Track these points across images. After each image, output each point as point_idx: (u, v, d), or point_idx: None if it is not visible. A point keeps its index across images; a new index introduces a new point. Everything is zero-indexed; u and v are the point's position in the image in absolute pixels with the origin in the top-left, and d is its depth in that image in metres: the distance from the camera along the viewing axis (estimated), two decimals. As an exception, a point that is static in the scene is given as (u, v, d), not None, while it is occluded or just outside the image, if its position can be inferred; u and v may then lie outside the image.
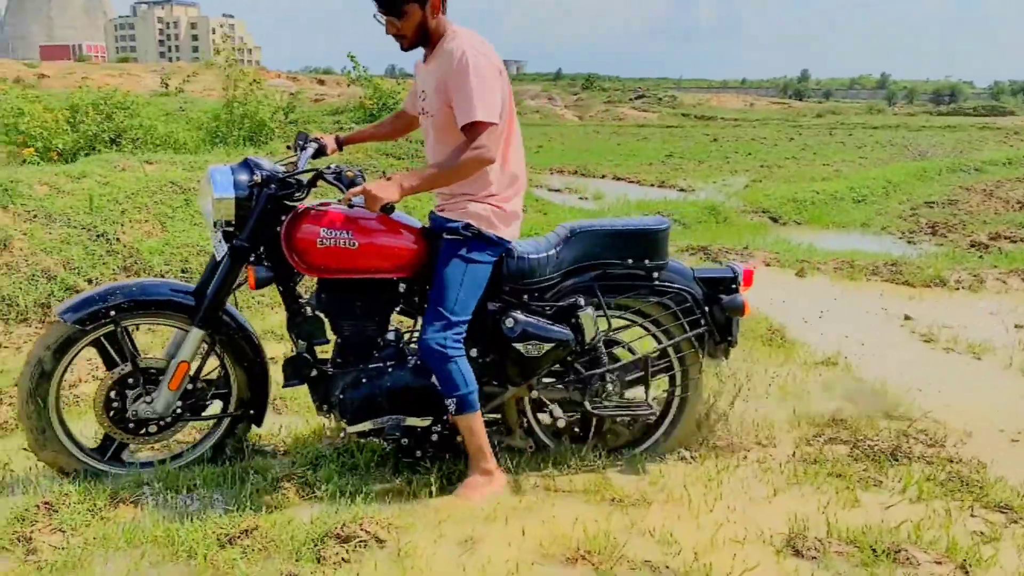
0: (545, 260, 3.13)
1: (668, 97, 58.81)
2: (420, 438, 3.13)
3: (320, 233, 2.87)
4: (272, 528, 2.71)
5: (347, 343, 3.08)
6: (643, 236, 3.23)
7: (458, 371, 2.93)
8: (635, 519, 2.89)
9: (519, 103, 40.73)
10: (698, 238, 8.27)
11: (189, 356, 3.03)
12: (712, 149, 20.92)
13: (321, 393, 3.09)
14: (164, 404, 3.05)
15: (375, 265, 2.97)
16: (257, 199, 2.89)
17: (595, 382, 3.23)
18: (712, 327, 3.29)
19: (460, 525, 2.83)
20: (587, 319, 3.12)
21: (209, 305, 3.00)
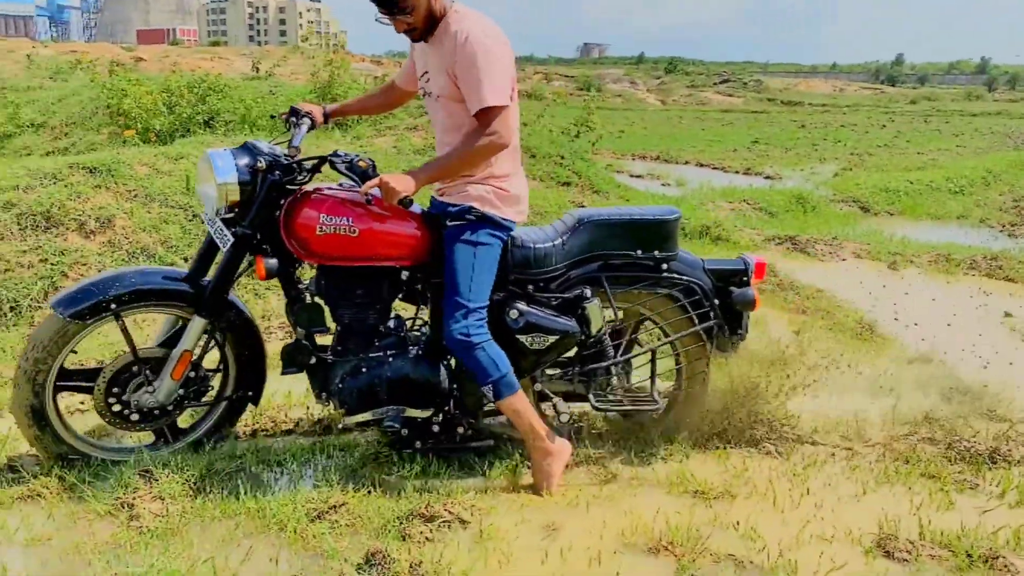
0: (551, 250, 3.04)
1: (754, 82, 57.39)
2: (420, 429, 3.07)
3: (320, 219, 2.78)
4: (359, 505, 2.78)
5: (347, 331, 3.01)
6: (653, 226, 3.13)
7: (487, 357, 2.85)
8: (719, 512, 2.86)
9: (601, 87, 40.52)
10: (785, 228, 8.07)
11: (192, 345, 2.97)
12: (800, 136, 20.34)
13: (320, 381, 3.01)
14: (166, 393, 2.98)
15: (376, 252, 2.87)
16: (261, 185, 2.81)
17: (600, 375, 3.18)
18: (721, 320, 3.21)
19: (542, 511, 2.85)
20: (594, 311, 3.04)
21: (212, 294, 2.93)
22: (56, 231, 5.02)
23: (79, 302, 2.81)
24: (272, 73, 16.40)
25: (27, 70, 19.28)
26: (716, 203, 9.03)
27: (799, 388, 3.53)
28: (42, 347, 2.82)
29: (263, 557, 2.53)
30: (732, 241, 7.29)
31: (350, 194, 2.84)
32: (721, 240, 7.32)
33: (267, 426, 3.50)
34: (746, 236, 7.52)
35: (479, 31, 2.68)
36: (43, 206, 5.08)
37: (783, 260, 6.75)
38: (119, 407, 2.97)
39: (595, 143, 10.86)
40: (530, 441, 2.96)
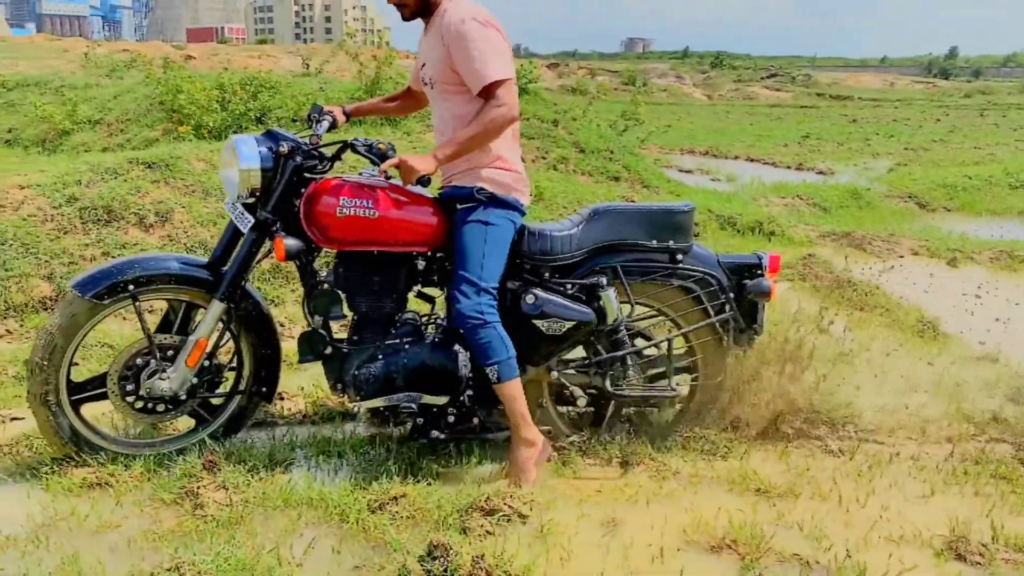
0: (567, 238, 3.06)
1: (802, 76, 56.47)
2: (436, 418, 3.07)
3: (340, 203, 2.80)
4: (419, 497, 2.78)
5: (364, 320, 3.02)
6: (667, 217, 3.14)
7: (497, 336, 2.86)
8: (782, 511, 2.81)
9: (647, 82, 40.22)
10: (840, 223, 7.93)
11: (208, 332, 2.95)
12: (851, 130, 19.96)
13: (335, 371, 3.01)
14: (180, 381, 2.95)
15: (394, 237, 2.89)
16: (283, 170, 2.83)
17: (616, 365, 3.16)
18: (736, 313, 3.19)
19: (601, 507, 2.83)
20: (609, 300, 3.04)
21: (232, 279, 2.92)
22: (117, 225, 5.12)
23: (98, 283, 2.80)
24: (321, 70, 16.56)
25: (84, 68, 19.78)
26: (768, 199, 8.90)
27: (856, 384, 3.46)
28: (58, 328, 2.79)
29: (326, 548, 2.54)
30: (787, 237, 7.18)
31: (370, 179, 2.86)
32: (775, 236, 7.21)
33: (326, 415, 3.52)
34: (800, 232, 7.40)
35: (472, 14, 2.75)
36: (104, 200, 5.18)
37: (839, 257, 6.61)
38: (133, 398, 2.94)
39: (644, 139, 10.77)
40: (517, 430, 2.94)
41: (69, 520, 2.63)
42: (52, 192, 5.17)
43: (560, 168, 8.03)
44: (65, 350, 2.83)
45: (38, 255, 4.66)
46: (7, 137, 12.42)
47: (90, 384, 2.98)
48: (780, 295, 5.39)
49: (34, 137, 11.98)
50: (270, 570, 2.37)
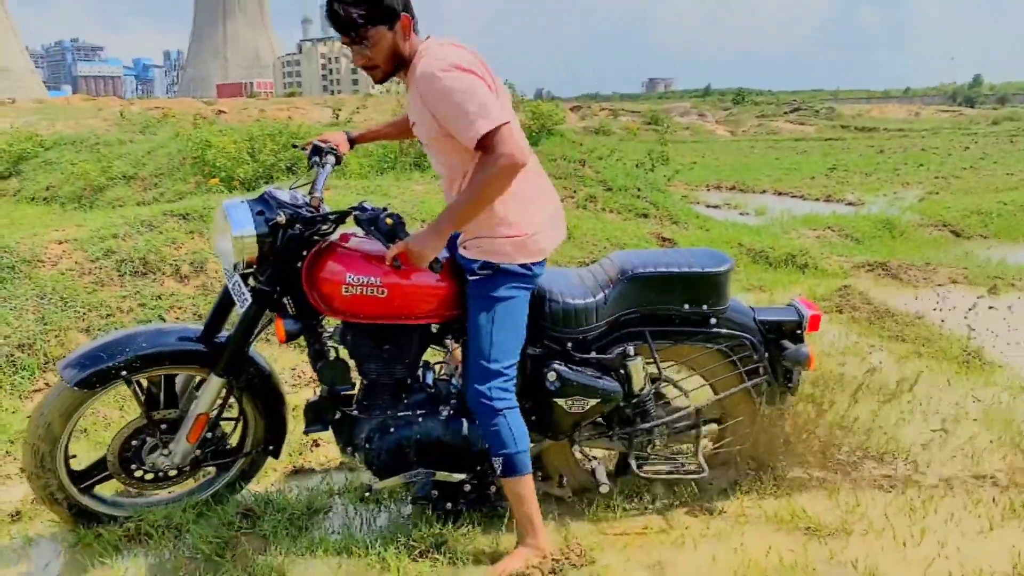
0: (592, 306, 2.80)
1: (825, 109, 56.38)
2: (453, 490, 2.87)
3: (346, 279, 2.57)
4: (460, 544, 2.74)
5: (374, 386, 2.81)
6: (704, 280, 2.87)
7: (506, 426, 2.60)
8: (834, 550, 2.73)
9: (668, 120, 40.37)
10: (873, 253, 7.83)
11: (208, 407, 2.81)
12: (879, 161, 19.82)
13: (345, 436, 2.83)
14: (181, 456, 2.84)
15: (406, 312, 2.66)
16: (281, 240, 2.59)
17: (641, 436, 2.97)
18: (771, 376, 3.00)
19: (646, 550, 2.77)
20: (636, 369, 2.83)
21: (231, 353, 2.75)
22: (153, 276, 5.17)
23: (86, 368, 2.65)
24: (351, 119, 16.82)
25: (119, 126, 20.28)
26: (799, 231, 8.82)
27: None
28: (47, 420, 2.68)
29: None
30: (820, 268, 7.09)
31: (377, 248, 2.62)
32: (808, 268, 7.12)
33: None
34: (834, 263, 7.31)
35: (442, 64, 2.38)
36: (140, 253, 5.25)
37: (875, 287, 6.51)
38: (140, 473, 2.85)
39: (671, 177, 10.78)
40: (524, 532, 2.68)
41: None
42: (89, 246, 5.25)
43: (589, 207, 8.03)
44: (57, 442, 2.71)
45: (76, 308, 4.71)
46: (45, 195, 12.69)
47: (95, 470, 2.89)
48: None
49: (70, 194, 12.23)
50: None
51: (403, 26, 2.44)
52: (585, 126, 33.65)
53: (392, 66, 2.50)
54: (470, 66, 2.40)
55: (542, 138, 9.24)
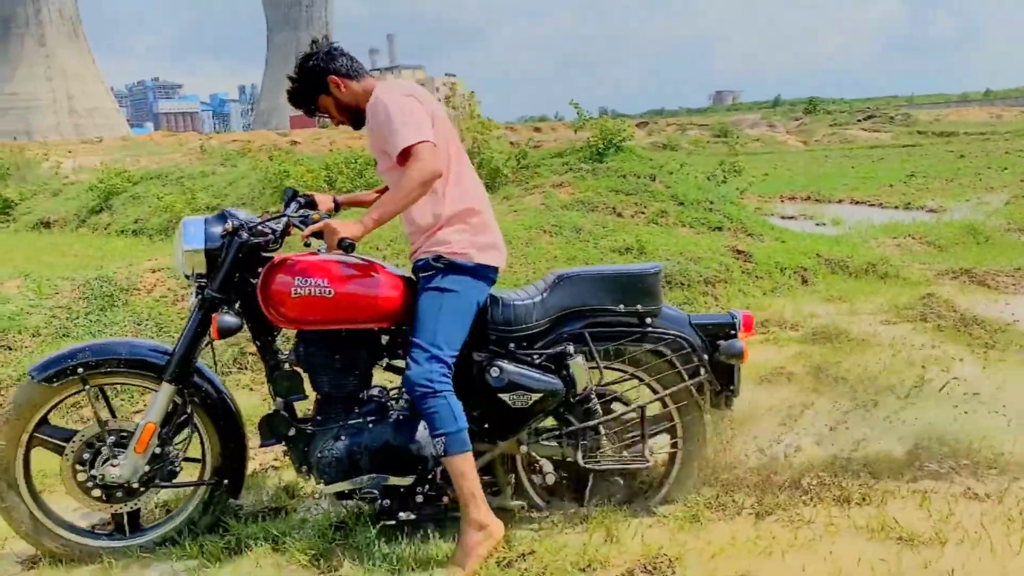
0: (531, 306, 2.97)
1: (900, 115, 54.89)
2: (403, 499, 2.94)
3: (295, 282, 2.74)
4: (546, 553, 2.78)
5: (327, 399, 2.93)
6: (633, 280, 3.04)
7: (446, 406, 2.75)
8: (928, 559, 2.67)
9: (738, 132, 39.87)
10: (957, 260, 7.60)
11: (157, 417, 2.84)
12: (959, 166, 19.20)
13: (300, 453, 2.92)
14: (131, 468, 2.85)
15: (353, 315, 2.81)
16: (228, 248, 2.78)
17: (588, 436, 3.03)
18: (711, 375, 3.07)
19: (733, 560, 2.76)
20: (578, 368, 2.94)
21: (179, 359, 2.83)
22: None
23: (49, 367, 2.82)
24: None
25: (200, 159, 21.13)
26: (879, 240, 8.63)
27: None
28: (13, 410, 2.83)
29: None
30: (902, 277, 6.93)
31: (326, 257, 2.80)
32: (889, 277, 6.97)
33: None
34: (916, 271, 7.13)
35: (384, 93, 2.78)
36: (228, 278, 5.48)
37: (961, 295, 6.33)
38: (84, 478, 2.87)
39: (744, 190, 10.68)
40: (467, 510, 2.77)
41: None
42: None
43: (660, 221, 8.02)
44: (19, 437, 2.83)
45: (170, 333, 4.93)
46: (133, 227, 13.30)
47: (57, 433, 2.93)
48: (902, 337, 5.21)
49: (157, 225, 12.78)
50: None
51: (335, 85, 2.86)
52: (652, 142, 33.48)
53: (348, 115, 2.92)
54: (410, 93, 2.80)
55: (608, 154, 9.25)
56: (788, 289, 6.87)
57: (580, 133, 11.32)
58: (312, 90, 2.89)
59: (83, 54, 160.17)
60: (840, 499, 3.11)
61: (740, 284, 6.86)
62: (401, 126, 2.67)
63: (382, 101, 2.74)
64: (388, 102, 2.73)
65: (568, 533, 2.96)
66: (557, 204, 8.00)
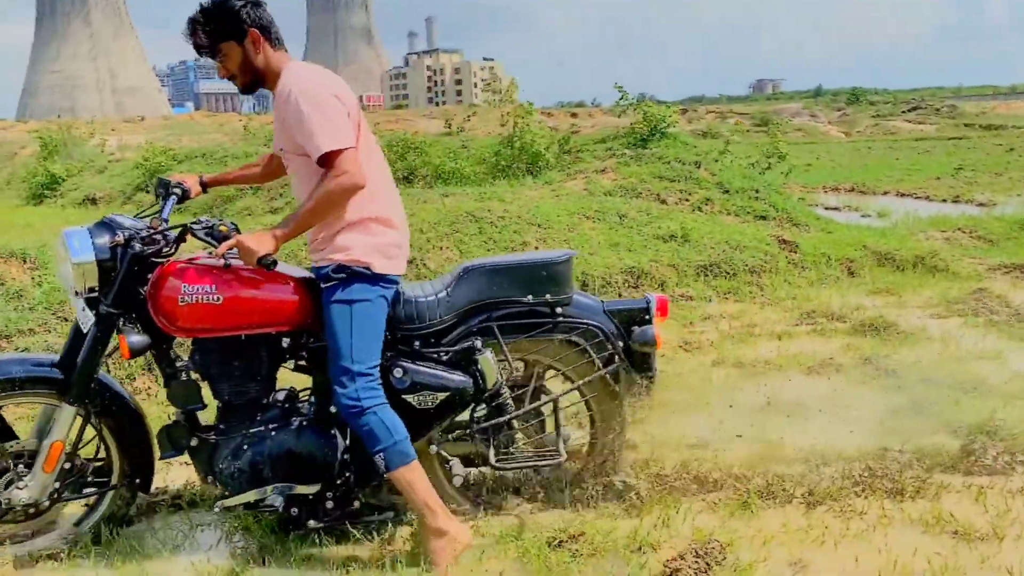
0: (435, 302, 2.88)
1: (947, 107, 53.81)
2: (312, 506, 2.85)
3: (181, 289, 2.61)
4: (597, 535, 2.79)
5: (229, 407, 2.83)
6: (541, 269, 2.96)
7: (379, 422, 2.66)
8: (985, 555, 2.64)
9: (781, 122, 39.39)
10: (1009, 255, 7.45)
11: (62, 435, 2.76)
12: (1009, 160, 18.76)
13: (204, 463, 2.82)
14: (39, 488, 2.76)
15: (245, 321, 2.70)
16: (121, 260, 2.65)
17: (501, 432, 2.97)
18: (626, 363, 3.02)
19: (785, 547, 2.76)
20: (486, 363, 2.86)
21: (79, 379, 2.74)
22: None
23: None
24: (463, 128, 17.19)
25: (244, 140, 21.34)
26: (927, 233, 8.48)
27: None
28: None
29: (514, 581, 2.59)
30: (951, 271, 6.81)
31: (216, 261, 2.66)
32: (939, 270, 6.85)
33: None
34: (967, 266, 7.01)
35: (304, 84, 2.60)
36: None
37: (1014, 290, 6.21)
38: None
39: (788, 173, 10.56)
40: (424, 519, 2.71)
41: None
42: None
43: (704, 209, 7.96)
44: None
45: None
46: (178, 205, 13.46)
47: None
48: (953, 332, 5.14)
49: (200, 205, 12.92)
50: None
51: (252, 40, 2.65)
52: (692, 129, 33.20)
53: (249, 77, 2.70)
54: (329, 87, 2.62)
55: (652, 141, 9.19)
56: (834, 280, 6.79)
57: (623, 118, 11.24)
58: (224, 33, 2.65)
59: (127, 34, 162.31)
60: (892, 491, 3.08)
61: (785, 274, 6.81)
62: (320, 128, 2.53)
63: (296, 94, 2.57)
64: (303, 98, 2.56)
65: (618, 516, 2.98)
66: (600, 190, 7.98)
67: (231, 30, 2.64)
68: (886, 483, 3.14)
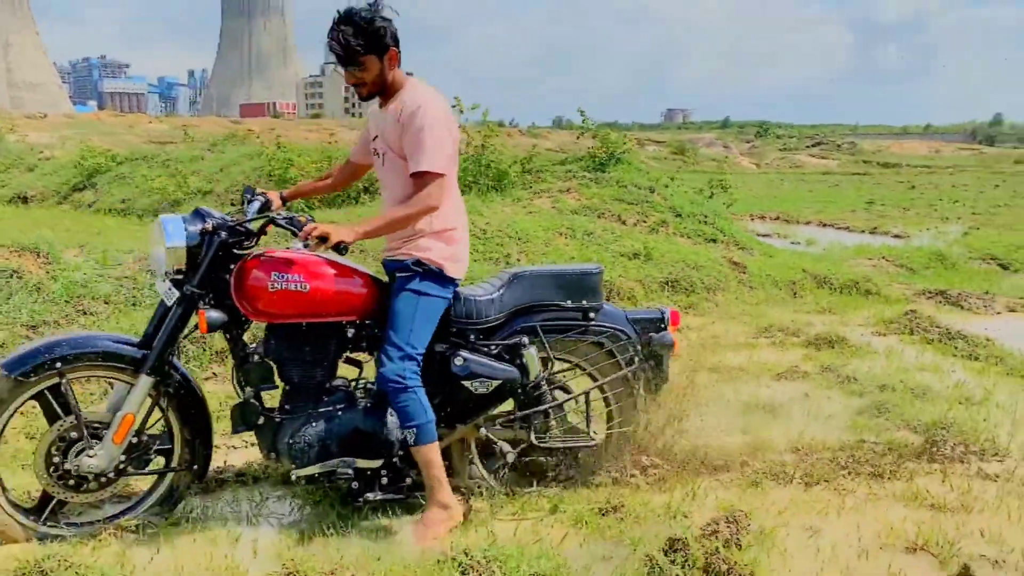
0: (490, 302, 3.27)
1: (847, 143, 56.98)
2: (370, 480, 3.17)
3: (272, 277, 2.91)
4: (636, 506, 3.22)
5: (295, 389, 3.11)
6: (579, 278, 3.41)
7: (417, 401, 3.00)
8: (959, 522, 3.18)
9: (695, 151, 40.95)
10: (930, 282, 8.30)
11: (136, 407, 2.95)
12: (913, 196, 20.34)
13: (268, 439, 3.10)
14: (108, 458, 2.93)
15: (325, 309, 3.01)
16: (208, 246, 2.91)
17: (539, 418, 3.37)
18: (645, 364, 3.49)
19: (798, 516, 3.23)
20: (531, 357, 3.27)
21: (158, 352, 2.94)
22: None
23: (25, 362, 2.85)
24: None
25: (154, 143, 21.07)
26: (855, 260, 9.30)
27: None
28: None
29: (574, 543, 2.99)
30: (883, 295, 7.57)
31: (298, 254, 2.99)
32: (871, 293, 7.61)
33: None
34: (895, 290, 7.79)
35: (433, 105, 2.96)
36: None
37: (938, 313, 6.98)
38: (57, 472, 2.92)
39: (730, 205, 11.34)
40: (432, 492, 3.06)
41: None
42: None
43: (660, 231, 8.56)
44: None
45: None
46: (121, 207, 13.35)
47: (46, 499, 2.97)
48: (894, 347, 5.81)
49: (147, 207, 12.86)
50: (538, 557, 2.80)
51: (391, 57, 2.98)
52: (614, 155, 34.30)
53: (376, 87, 3.02)
54: (448, 118, 3.02)
55: (610, 165, 9.78)
56: (781, 300, 7.46)
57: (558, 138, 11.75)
58: (370, 47, 2.93)
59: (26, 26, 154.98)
60: (874, 474, 3.62)
61: (736, 293, 7.44)
62: (430, 148, 2.91)
63: (426, 111, 2.93)
64: (430, 117, 2.92)
65: (649, 492, 3.42)
66: (567, 209, 8.49)
67: (376, 46, 2.94)
68: (868, 468, 3.67)
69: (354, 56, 2.93)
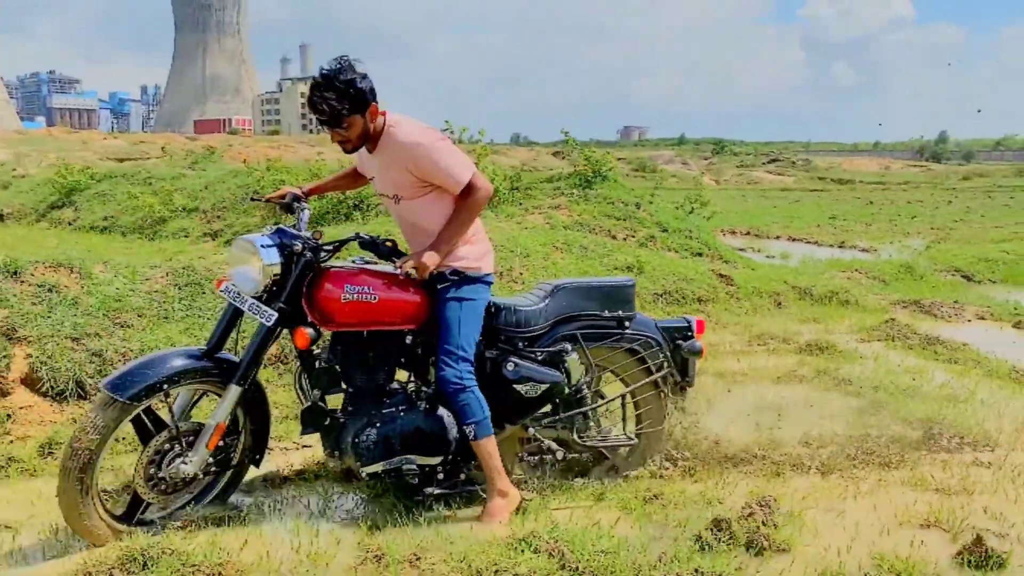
0: (536, 312, 3.56)
1: (802, 160, 58.36)
2: (428, 476, 3.41)
3: (344, 289, 3.16)
4: (674, 494, 3.55)
5: (358, 392, 3.35)
6: (616, 290, 3.74)
7: (475, 399, 3.27)
8: (963, 503, 3.55)
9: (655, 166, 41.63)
10: (903, 293, 8.78)
11: (225, 416, 3.19)
12: (872, 212, 21.12)
13: (332, 440, 3.34)
14: (200, 463, 3.19)
15: (391, 317, 3.28)
16: (296, 265, 3.14)
17: (580, 419, 3.69)
18: (674, 369, 3.81)
19: (821, 500, 3.57)
20: (573, 363, 3.58)
21: (248, 365, 3.18)
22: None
23: (134, 384, 3.02)
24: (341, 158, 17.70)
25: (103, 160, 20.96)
26: (830, 273, 9.78)
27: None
28: (95, 429, 2.99)
29: (626, 525, 3.30)
30: (861, 305, 8.03)
31: (365, 267, 3.29)
32: (850, 304, 8.06)
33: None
34: (872, 301, 8.25)
35: (422, 136, 3.17)
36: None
37: (914, 321, 7.45)
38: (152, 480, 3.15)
39: (710, 218, 11.79)
40: (493, 482, 3.32)
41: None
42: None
43: (649, 245, 8.94)
44: (101, 449, 3.02)
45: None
46: (103, 224, 13.37)
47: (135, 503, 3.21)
48: (879, 352, 6.23)
49: (131, 224, 12.93)
50: (599, 537, 3.10)
51: (372, 112, 3.13)
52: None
53: (362, 141, 3.20)
54: (437, 131, 3.27)
55: (596, 182, 10.16)
56: (767, 310, 7.87)
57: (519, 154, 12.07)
58: (352, 108, 3.08)
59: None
60: (882, 464, 3.99)
61: (725, 304, 7.83)
62: (454, 164, 3.18)
63: (423, 147, 3.15)
64: (430, 148, 3.16)
65: (682, 482, 3.74)
66: (560, 224, 8.84)
67: (360, 106, 3.10)
68: (876, 458, 4.04)
69: (339, 119, 3.09)
